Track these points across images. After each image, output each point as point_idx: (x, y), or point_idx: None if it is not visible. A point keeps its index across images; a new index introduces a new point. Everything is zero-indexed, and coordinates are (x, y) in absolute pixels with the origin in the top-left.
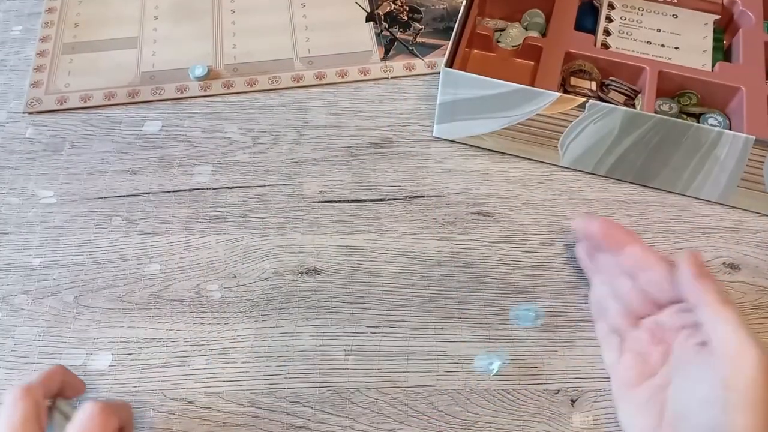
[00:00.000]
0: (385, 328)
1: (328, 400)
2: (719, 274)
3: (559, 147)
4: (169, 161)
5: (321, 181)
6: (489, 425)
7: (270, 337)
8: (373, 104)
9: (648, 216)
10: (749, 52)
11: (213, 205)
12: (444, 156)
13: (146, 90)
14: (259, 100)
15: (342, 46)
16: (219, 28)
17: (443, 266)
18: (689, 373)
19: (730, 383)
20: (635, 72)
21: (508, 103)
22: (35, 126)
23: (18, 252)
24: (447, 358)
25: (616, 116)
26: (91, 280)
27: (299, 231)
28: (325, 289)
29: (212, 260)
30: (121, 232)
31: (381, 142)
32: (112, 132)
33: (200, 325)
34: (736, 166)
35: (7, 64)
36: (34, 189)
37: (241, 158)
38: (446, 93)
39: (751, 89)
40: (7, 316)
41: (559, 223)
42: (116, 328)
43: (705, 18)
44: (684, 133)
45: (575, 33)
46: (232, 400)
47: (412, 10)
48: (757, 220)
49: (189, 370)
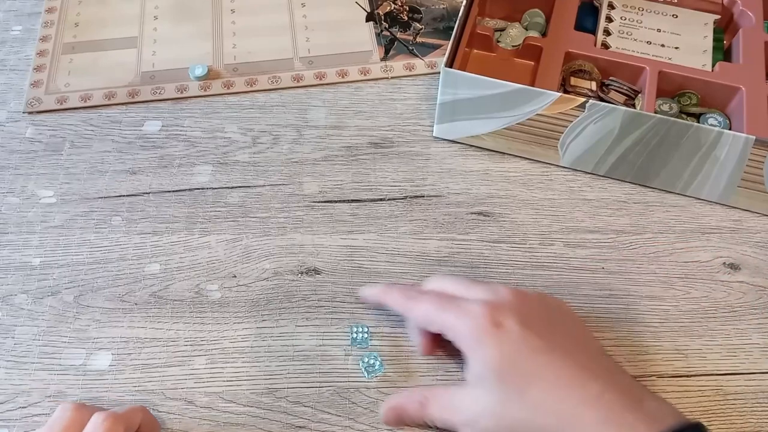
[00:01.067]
0: (385, 328)
1: (328, 400)
2: (719, 274)
3: (559, 147)
4: (169, 161)
5: (321, 181)
6: None
7: (270, 337)
8: (373, 104)
9: (648, 216)
10: (749, 52)
11: (213, 205)
12: (444, 156)
13: (146, 90)
14: (259, 100)
15: (342, 46)
16: (219, 28)
17: (443, 266)
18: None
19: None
20: (635, 72)
21: (508, 103)
22: (35, 126)
23: (18, 252)
24: (447, 358)
25: (616, 116)
26: (91, 279)
27: (299, 231)
28: (325, 289)
29: (212, 260)
30: (121, 232)
31: (381, 142)
32: (112, 132)
33: (200, 325)
34: (736, 166)
35: (7, 64)
36: (34, 189)
37: (241, 158)
38: (446, 93)
39: (751, 89)
40: (7, 315)
41: (559, 223)
42: (116, 328)
43: (705, 18)
44: (684, 133)
45: (575, 33)
46: (232, 400)
47: (412, 10)
48: (757, 220)
49: (189, 369)
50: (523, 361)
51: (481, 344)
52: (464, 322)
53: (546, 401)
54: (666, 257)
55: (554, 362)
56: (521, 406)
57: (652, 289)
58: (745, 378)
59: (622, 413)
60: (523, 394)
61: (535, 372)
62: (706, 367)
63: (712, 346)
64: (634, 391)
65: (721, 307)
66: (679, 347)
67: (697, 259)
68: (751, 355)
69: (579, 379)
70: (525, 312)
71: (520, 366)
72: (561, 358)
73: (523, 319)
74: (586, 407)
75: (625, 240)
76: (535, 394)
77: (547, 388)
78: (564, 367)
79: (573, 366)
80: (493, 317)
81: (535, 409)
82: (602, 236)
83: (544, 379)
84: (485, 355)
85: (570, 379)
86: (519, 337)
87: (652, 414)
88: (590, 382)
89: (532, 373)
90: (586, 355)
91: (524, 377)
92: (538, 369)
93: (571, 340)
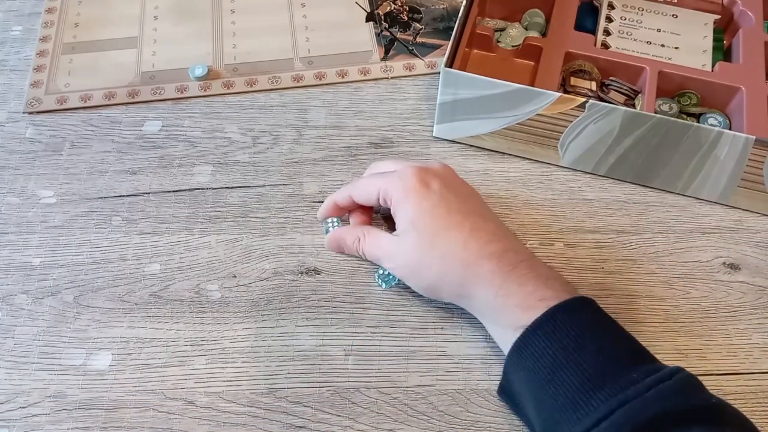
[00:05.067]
0: (385, 328)
1: (328, 400)
2: (719, 274)
3: (559, 147)
4: (169, 161)
5: (321, 181)
6: (489, 425)
7: (270, 337)
8: (373, 104)
9: (648, 216)
10: (749, 52)
11: (213, 205)
12: (444, 156)
13: (146, 90)
14: (259, 100)
15: (342, 46)
16: (219, 28)
17: None
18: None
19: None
20: (635, 72)
21: (508, 103)
22: (35, 126)
23: (18, 252)
24: (447, 358)
25: (616, 116)
26: (91, 280)
27: (299, 231)
28: (325, 289)
29: (212, 260)
30: (121, 232)
31: (381, 142)
32: (112, 132)
33: (200, 325)
34: (736, 166)
35: (7, 64)
36: (34, 189)
37: (241, 158)
38: (446, 93)
39: (751, 89)
40: (7, 316)
41: (559, 223)
42: (116, 328)
43: (705, 18)
44: (684, 133)
45: (575, 33)
46: (232, 400)
47: (412, 10)
48: (757, 220)
49: (189, 370)
50: (439, 217)
51: (408, 199)
52: (396, 183)
53: (453, 252)
54: (666, 257)
55: (465, 222)
56: (433, 254)
57: (652, 289)
58: (745, 378)
59: (519, 268)
60: (434, 244)
61: (448, 227)
62: (706, 367)
63: (712, 346)
64: (535, 260)
65: (721, 307)
66: (679, 347)
67: (697, 259)
68: (751, 355)
69: (485, 237)
70: (450, 179)
71: (436, 220)
72: (472, 220)
73: (448, 183)
74: (488, 260)
75: (625, 240)
76: (445, 244)
77: (455, 240)
78: (474, 228)
79: (482, 228)
80: (421, 178)
81: (443, 258)
82: (602, 236)
83: (455, 234)
84: (408, 209)
85: (477, 234)
86: (440, 197)
87: (546, 277)
88: (495, 243)
89: (446, 228)
90: (494, 223)
91: (437, 231)
92: (451, 225)
93: (483, 212)
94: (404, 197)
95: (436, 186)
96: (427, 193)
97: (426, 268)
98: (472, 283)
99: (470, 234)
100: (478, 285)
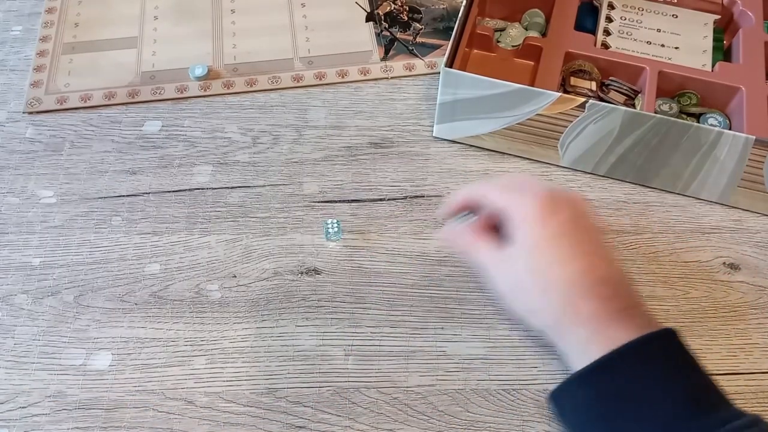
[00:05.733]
0: (385, 328)
1: (328, 400)
2: (719, 274)
3: (559, 147)
4: (169, 161)
5: (321, 181)
6: (489, 425)
7: (270, 337)
8: (373, 104)
9: (648, 216)
10: (749, 52)
11: (213, 205)
12: (444, 156)
13: (146, 90)
14: (259, 100)
15: (342, 46)
16: (219, 28)
17: (443, 266)
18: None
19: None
20: (635, 72)
21: (508, 103)
22: (35, 126)
23: (18, 252)
24: (447, 358)
25: (616, 116)
26: (91, 280)
27: (299, 231)
28: (325, 289)
29: (212, 260)
30: (121, 232)
31: (381, 142)
32: (112, 132)
33: (200, 325)
34: (736, 166)
35: (7, 64)
36: (34, 189)
37: (241, 158)
38: (446, 93)
39: (751, 89)
40: (7, 315)
41: None
42: (116, 328)
43: (705, 18)
44: (684, 133)
45: (575, 33)
46: (232, 400)
47: (412, 10)
48: (757, 220)
49: (189, 369)
50: (556, 247)
51: (534, 222)
52: (526, 201)
53: (559, 288)
54: (666, 257)
55: (582, 260)
56: (537, 282)
57: (652, 289)
58: (745, 378)
59: (621, 314)
60: (542, 273)
61: (563, 261)
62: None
63: (712, 346)
64: (639, 307)
65: (721, 307)
66: None
67: (697, 259)
68: (751, 355)
69: (596, 279)
70: (579, 212)
71: (553, 250)
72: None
73: (576, 215)
74: (589, 300)
75: (625, 240)
76: (554, 275)
77: (563, 277)
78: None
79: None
80: (553, 203)
81: (546, 291)
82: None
83: (568, 270)
84: (528, 230)
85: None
86: (565, 229)
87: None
88: (602, 287)
89: (560, 261)
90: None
91: (550, 262)
92: (566, 259)
93: (601, 252)
94: (531, 218)
95: (563, 216)
96: (552, 221)
97: (526, 293)
98: (568, 321)
99: (582, 273)
100: (573, 324)
